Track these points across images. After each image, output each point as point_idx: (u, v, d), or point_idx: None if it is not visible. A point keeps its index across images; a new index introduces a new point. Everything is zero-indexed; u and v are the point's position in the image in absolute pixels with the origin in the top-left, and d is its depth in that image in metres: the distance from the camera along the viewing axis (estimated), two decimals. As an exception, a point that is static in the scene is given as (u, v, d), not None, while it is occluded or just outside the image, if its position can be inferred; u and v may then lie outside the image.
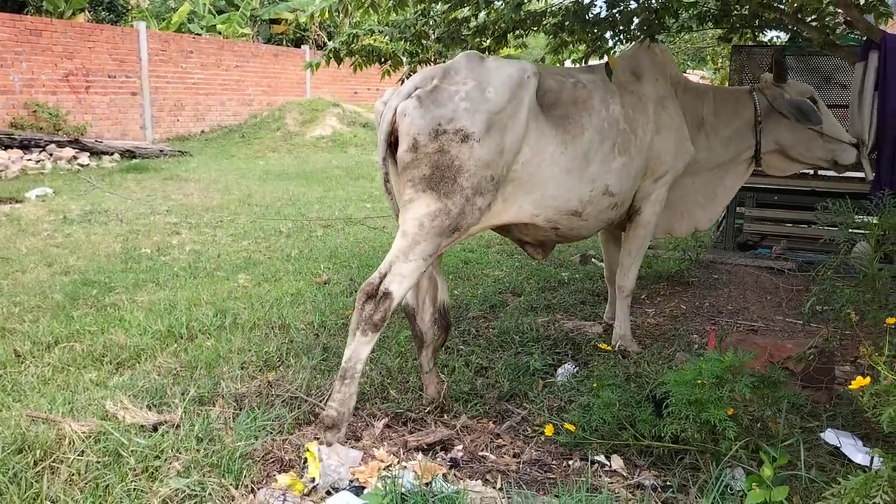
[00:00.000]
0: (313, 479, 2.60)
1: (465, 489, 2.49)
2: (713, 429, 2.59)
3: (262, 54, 18.59)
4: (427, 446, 2.93)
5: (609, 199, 3.62)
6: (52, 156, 11.87)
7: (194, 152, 14.35)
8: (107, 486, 2.52)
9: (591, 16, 4.46)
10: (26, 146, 11.83)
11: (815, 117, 4.31)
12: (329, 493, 2.55)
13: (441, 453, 2.90)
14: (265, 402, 3.23)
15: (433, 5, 5.14)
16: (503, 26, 4.89)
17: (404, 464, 2.72)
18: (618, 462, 2.83)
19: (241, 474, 2.62)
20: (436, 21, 5.17)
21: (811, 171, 6.69)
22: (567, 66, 5.71)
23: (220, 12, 20.22)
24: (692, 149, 4.12)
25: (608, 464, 2.82)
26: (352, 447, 2.85)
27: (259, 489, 2.55)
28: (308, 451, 2.72)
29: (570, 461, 2.86)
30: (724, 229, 7.04)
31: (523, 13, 4.62)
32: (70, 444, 2.73)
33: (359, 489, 2.55)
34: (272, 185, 10.81)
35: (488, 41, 5.21)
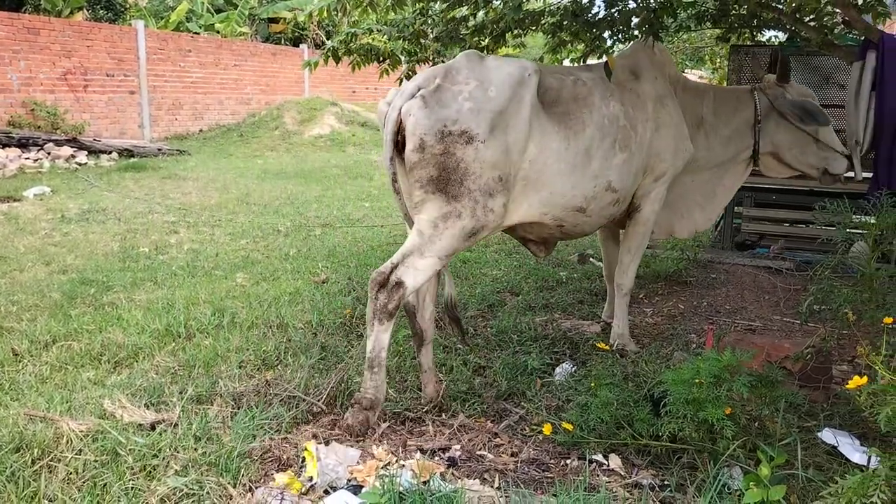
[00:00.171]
0: (311, 478, 2.60)
1: (462, 488, 2.49)
2: (711, 428, 2.59)
3: (260, 53, 18.58)
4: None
5: (612, 195, 3.64)
6: (49, 154, 11.86)
7: (192, 151, 14.34)
8: (105, 484, 2.52)
9: (589, 15, 4.46)
10: (24, 145, 11.82)
11: (822, 117, 4.29)
12: (327, 491, 2.55)
13: (439, 452, 2.90)
14: (263, 401, 3.22)
15: (431, 4, 5.14)
16: (502, 25, 4.89)
17: (402, 463, 2.72)
18: (616, 461, 2.83)
19: (239, 473, 2.62)
20: (434, 20, 5.17)
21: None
22: (565, 64, 5.71)
23: (218, 11, 20.20)
24: (691, 147, 4.13)
25: (606, 463, 2.82)
26: (349, 446, 2.85)
27: (257, 488, 2.55)
28: (306, 449, 2.72)
29: (567, 460, 2.86)
30: (723, 229, 7.05)
31: (522, 12, 4.62)
32: (68, 442, 2.73)
33: (357, 488, 2.55)
34: (270, 184, 10.81)
35: (487, 40, 5.21)
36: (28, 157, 11.56)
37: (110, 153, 12.77)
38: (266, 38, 21.43)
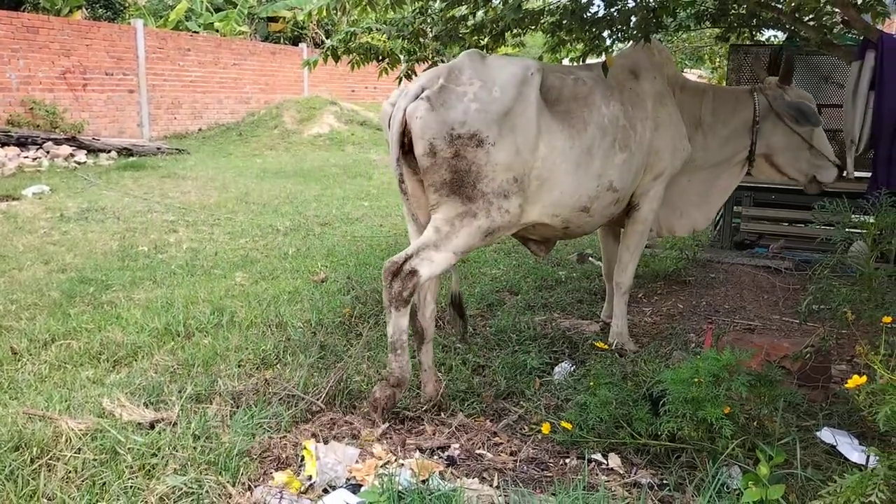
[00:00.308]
0: (310, 477, 2.60)
1: (461, 487, 2.49)
2: (710, 427, 2.59)
3: (259, 52, 18.57)
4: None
5: (613, 194, 3.65)
6: (48, 153, 11.85)
7: (192, 150, 14.33)
8: (104, 483, 2.52)
9: (588, 14, 4.46)
10: (23, 144, 11.81)
11: (814, 118, 4.29)
12: (326, 490, 2.55)
13: (438, 451, 2.90)
14: (262, 400, 3.22)
15: (431, 3, 5.14)
16: (501, 25, 4.88)
17: (401, 462, 2.72)
18: (615, 460, 2.83)
19: (238, 472, 2.62)
20: (433, 19, 5.16)
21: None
22: (565, 63, 5.71)
23: (217, 10, 20.18)
24: (689, 147, 4.14)
25: (605, 462, 2.82)
26: (348, 445, 2.85)
27: (256, 487, 2.55)
28: (305, 448, 2.72)
29: (566, 459, 2.86)
30: (722, 228, 7.05)
31: (521, 12, 4.62)
32: (67, 441, 2.72)
33: (356, 487, 2.55)
34: (269, 184, 10.80)
35: (486, 39, 5.21)
36: (27, 156, 11.55)
37: (109, 152, 12.76)
38: (265, 37, 21.42)
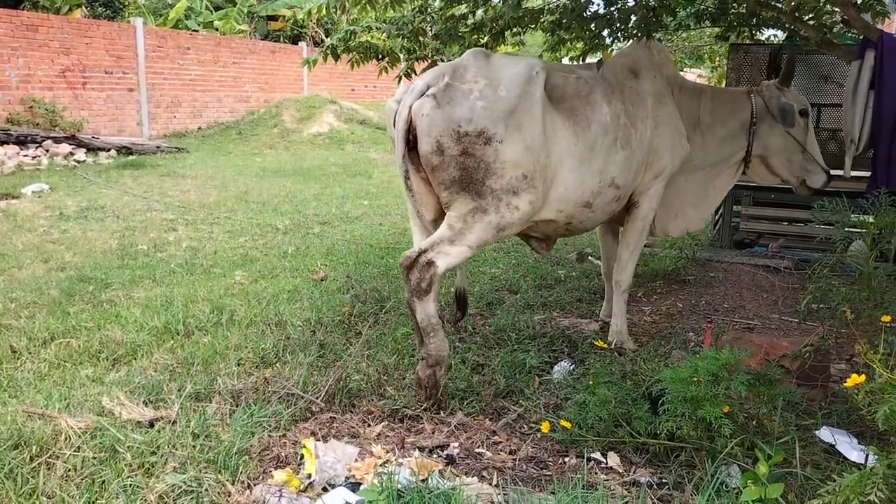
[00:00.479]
0: (310, 476, 2.60)
1: (461, 486, 2.49)
2: (709, 426, 2.60)
3: (259, 51, 18.55)
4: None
5: (615, 190, 3.69)
6: (48, 152, 11.84)
7: (191, 149, 14.32)
8: (103, 481, 2.53)
9: (588, 13, 4.46)
10: (22, 142, 11.80)
11: (790, 120, 4.34)
12: (325, 489, 2.55)
13: (437, 450, 2.90)
14: (262, 399, 3.22)
15: (430, 2, 5.14)
16: (501, 23, 4.88)
17: (401, 460, 2.72)
18: (614, 459, 2.83)
19: (238, 470, 2.63)
20: (433, 18, 5.16)
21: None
22: (565, 62, 5.71)
23: (217, 8, 20.17)
24: (688, 146, 4.16)
25: (604, 461, 2.83)
26: (348, 443, 2.85)
27: (255, 485, 2.56)
28: (304, 447, 2.72)
29: (566, 458, 2.87)
30: (721, 227, 7.05)
31: (521, 10, 4.62)
32: (66, 439, 2.73)
33: (355, 485, 2.55)
34: (269, 182, 10.80)
35: (486, 38, 5.21)
36: (26, 155, 11.54)
37: (109, 150, 12.75)
38: (265, 35, 21.40)
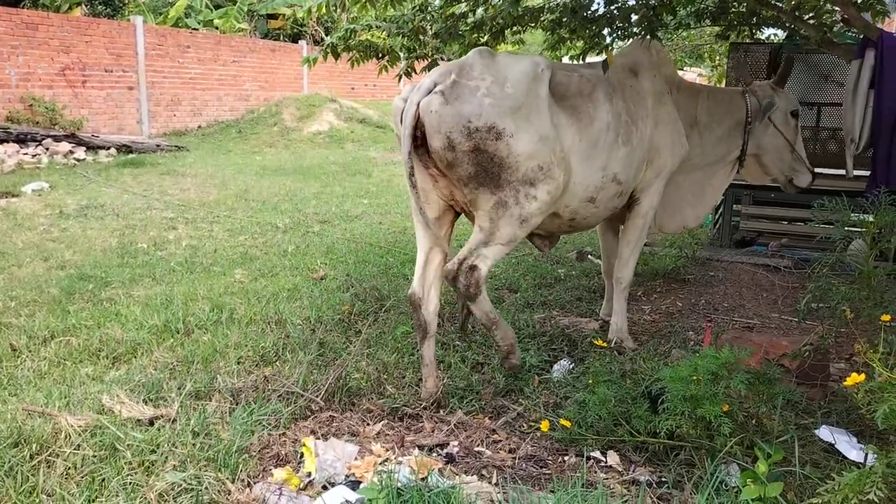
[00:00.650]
0: (309, 474, 2.60)
1: (460, 484, 2.50)
2: (708, 425, 2.60)
3: (259, 49, 18.54)
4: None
5: (617, 186, 3.74)
6: (48, 150, 11.83)
7: (191, 147, 14.32)
8: (103, 479, 2.53)
9: (588, 12, 4.46)
10: (22, 140, 11.79)
11: (761, 116, 4.46)
12: (325, 487, 2.56)
13: (437, 449, 2.90)
14: (261, 397, 3.23)
15: (430, 0, 5.13)
16: (501, 22, 4.88)
17: (400, 459, 2.73)
18: (613, 458, 2.84)
19: (238, 468, 2.63)
20: (433, 16, 5.16)
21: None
22: (564, 61, 5.71)
23: (217, 7, 20.16)
24: (687, 145, 4.21)
25: (604, 460, 2.83)
26: (348, 442, 2.85)
27: (255, 483, 2.56)
28: (304, 445, 2.73)
29: (565, 457, 2.87)
30: (721, 226, 7.05)
31: (521, 9, 4.61)
32: (66, 438, 2.73)
33: (355, 484, 2.55)
34: (269, 181, 10.79)
35: (486, 37, 5.20)
36: (26, 153, 11.53)
37: (108, 149, 12.74)
38: (265, 34, 21.40)
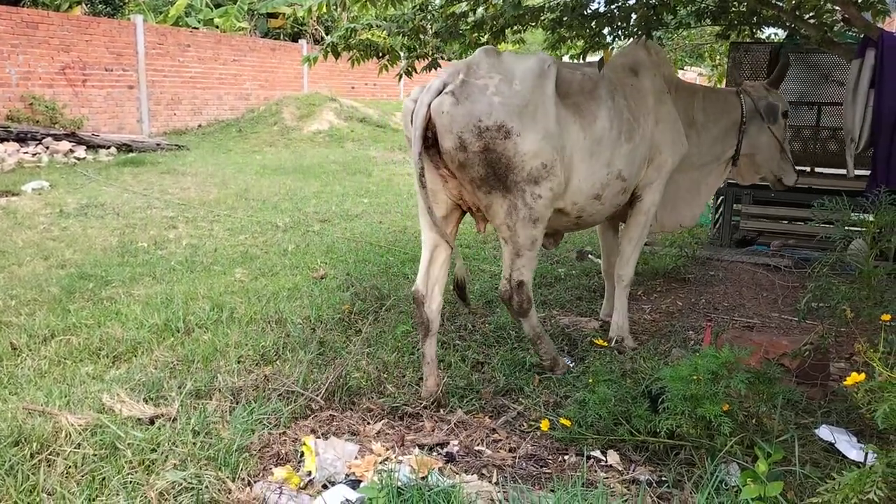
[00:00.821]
0: (310, 473, 2.60)
1: (460, 483, 2.50)
2: (708, 424, 2.60)
3: (259, 48, 18.53)
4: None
5: (621, 183, 3.77)
6: (48, 149, 11.83)
7: (191, 146, 14.31)
8: (103, 478, 2.53)
9: (589, 11, 4.47)
10: (23, 139, 11.78)
11: (773, 118, 4.54)
12: (325, 486, 2.56)
13: (437, 448, 2.90)
14: (262, 396, 3.23)
15: (431, 0, 5.14)
16: (501, 21, 4.88)
17: (400, 458, 2.73)
18: (613, 457, 2.84)
19: (238, 467, 2.63)
20: (434, 16, 5.16)
21: (807, 168, 6.73)
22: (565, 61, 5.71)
23: (217, 6, 20.16)
24: (686, 143, 4.25)
25: (604, 459, 2.83)
26: (348, 441, 2.85)
27: (255, 482, 2.56)
28: (304, 444, 2.73)
29: (565, 456, 2.87)
30: (721, 226, 7.05)
31: (522, 8, 4.62)
32: (66, 436, 2.73)
33: (355, 483, 2.56)
34: (269, 180, 10.79)
35: (486, 36, 5.21)
36: (26, 152, 11.53)
37: (109, 148, 12.74)
38: (265, 33, 21.39)
